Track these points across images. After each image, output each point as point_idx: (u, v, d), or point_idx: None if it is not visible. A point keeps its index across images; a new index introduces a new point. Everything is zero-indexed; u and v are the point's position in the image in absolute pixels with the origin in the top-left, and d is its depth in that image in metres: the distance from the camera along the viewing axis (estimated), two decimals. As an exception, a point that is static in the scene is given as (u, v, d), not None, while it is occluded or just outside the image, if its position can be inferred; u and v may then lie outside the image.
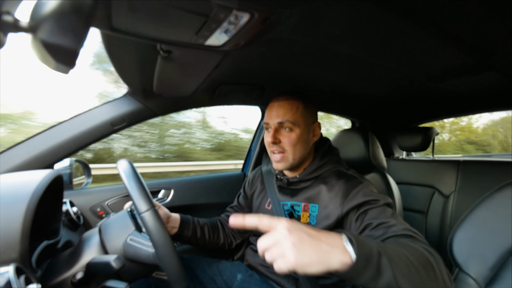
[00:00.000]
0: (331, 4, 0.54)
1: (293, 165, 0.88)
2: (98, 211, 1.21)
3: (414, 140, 1.84)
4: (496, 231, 0.61)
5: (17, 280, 0.47)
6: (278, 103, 0.87)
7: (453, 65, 0.86)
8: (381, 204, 0.76)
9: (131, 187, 0.61)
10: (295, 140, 0.85)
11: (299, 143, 0.86)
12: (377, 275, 0.48)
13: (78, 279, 0.65)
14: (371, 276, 0.48)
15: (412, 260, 0.53)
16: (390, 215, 0.72)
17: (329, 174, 0.88)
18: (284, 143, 0.86)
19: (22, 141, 1.01)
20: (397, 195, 1.05)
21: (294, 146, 0.85)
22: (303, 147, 0.87)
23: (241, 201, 1.13)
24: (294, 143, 0.85)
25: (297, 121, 0.85)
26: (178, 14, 0.48)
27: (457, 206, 1.54)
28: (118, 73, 0.92)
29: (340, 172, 0.88)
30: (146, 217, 0.59)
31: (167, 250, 0.60)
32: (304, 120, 0.86)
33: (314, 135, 0.91)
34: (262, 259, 0.93)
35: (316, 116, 0.94)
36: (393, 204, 0.79)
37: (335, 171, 0.89)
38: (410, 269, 0.51)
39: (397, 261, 0.51)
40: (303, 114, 0.86)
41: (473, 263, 0.62)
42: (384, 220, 0.71)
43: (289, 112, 0.85)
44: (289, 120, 0.84)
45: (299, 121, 0.85)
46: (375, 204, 0.76)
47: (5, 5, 0.29)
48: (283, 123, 0.85)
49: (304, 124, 0.87)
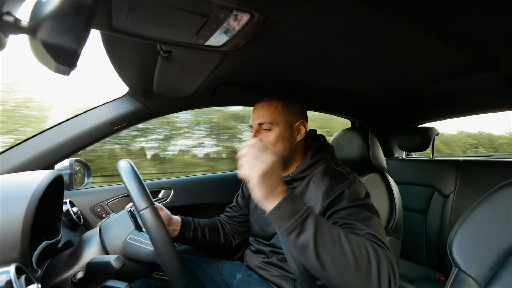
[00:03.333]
0: (331, 4, 0.54)
1: None
2: (98, 211, 1.21)
3: (414, 140, 1.84)
4: (496, 231, 0.61)
5: (17, 280, 0.47)
6: (259, 105, 0.90)
7: (453, 65, 0.86)
8: (356, 204, 0.75)
9: (130, 185, 0.61)
10: (275, 139, 0.87)
11: (279, 142, 0.87)
12: (299, 228, 0.58)
13: (78, 279, 0.65)
14: (292, 226, 0.58)
15: (343, 243, 0.59)
16: (362, 217, 0.71)
17: (320, 171, 0.88)
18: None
19: (22, 141, 1.01)
20: (397, 195, 1.06)
21: (274, 145, 0.87)
22: (284, 146, 0.88)
23: (239, 202, 1.13)
24: (273, 142, 0.87)
25: (275, 120, 0.87)
26: (178, 14, 0.48)
27: (456, 206, 1.54)
28: (118, 73, 0.93)
29: (328, 168, 0.88)
30: (144, 215, 0.59)
31: (166, 248, 0.60)
32: (283, 119, 0.88)
33: (298, 133, 0.91)
34: (260, 260, 0.94)
35: (302, 115, 0.93)
36: (373, 206, 0.77)
37: (324, 167, 0.89)
38: (335, 246, 0.58)
39: (325, 232, 0.59)
40: (282, 113, 0.88)
41: (473, 263, 0.62)
42: (351, 222, 0.70)
43: (267, 112, 0.87)
44: (267, 121, 0.87)
45: (278, 120, 0.87)
46: (351, 203, 0.75)
47: (6, 6, 0.29)
48: (262, 124, 0.88)
49: (284, 123, 0.88)
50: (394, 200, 1.01)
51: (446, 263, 1.55)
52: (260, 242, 0.98)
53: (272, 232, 0.93)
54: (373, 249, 0.61)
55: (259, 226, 0.99)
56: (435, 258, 1.61)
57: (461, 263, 0.63)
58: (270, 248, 0.93)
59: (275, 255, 0.92)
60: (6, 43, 0.30)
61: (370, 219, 0.71)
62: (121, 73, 0.93)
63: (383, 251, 0.62)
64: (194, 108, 1.35)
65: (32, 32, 0.31)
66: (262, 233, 0.98)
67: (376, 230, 0.69)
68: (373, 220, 0.72)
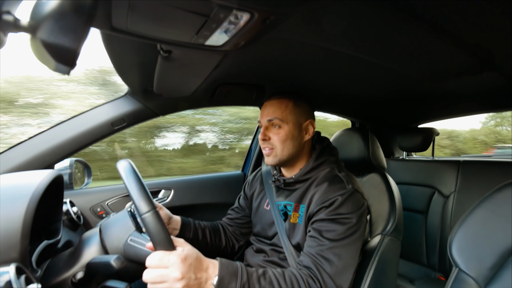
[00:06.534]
0: (331, 4, 0.54)
1: (281, 160, 0.90)
2: (98, 211, 1.21)
3: (414, 140, 1.84)
4: (496, 231, 0.61)
5: (17, 280, 0.47)
6: (269, 102, 0.91)
7: (453, 65, 0.86)
8: (339, 218, 0.76)
9: (131, 188, 0.61)
10: (284, 137, 0.87)
11: (287, 140, 0.88)
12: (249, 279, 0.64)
13: (78, 279, 0.65)
14: (244, 280, 0.64)
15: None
16: (336, 234, 0.75)
17: (322, 175, 0.89)
18: (274, 140, 0.88)
19: (22, 141, 1.01)
20: (397, 195, 1.05)
21: (282, 142, 0.88)
22: (292, 144, 0.89)
23: (241, 203, 1.13)
24: (282, 139, 0.87)
25: (285, 118, 0.88)
26: (178, 14, 0.48)
27: (457, 206, 1.54)
28: (118, 73, 0.93)
29: (331, 174, 0.88)
30: (147, 219, 0.59)
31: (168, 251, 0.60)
32: (293, 117, 0.89)
33: (306, 133, 0.92)
34: (261, 259, 0.94)
35: (310, 115, 0.94)
36: (359, 222, 0.78)
37: (327, 172, 0.89)
38: None
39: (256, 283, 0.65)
40: (292, 112, 0.89)
41: (473, 263, 0.62)
42: (323, 236, 0.75)
43: (277, 110, 0.88)
44: (278, 117, 0.87)
45: (288, 118, 0.88)
46: (335, 216, 0.77)
47: (5, 5, 0.29)
48: (272, 120, 0.88)
49: (293, 122, 0.89)
50: (394, 200, 1.01)
51: (446, 263, 1.55)
52: (261, 241, 0.98)
53: (273, 231, 0.94)
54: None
55: (261, 225, 0.99)
56: (435, 258, 1.61)
57: (461, 263, 0.63)
58: (271, 247, 0.93)
59: (276, 254, 0.92)
60: (6, 41, 0.30)
61: (346, 238, 0.75)
62: (121, 73, 0.93)
63: (317, 286, 0.69)
64: (194, 108, 1.35)
65: (32, 31, 0.31)
66: (264, 233, 0.98)
67: (337, 253, 0.73)
68: (344, 241, 0.74)
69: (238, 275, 0.64)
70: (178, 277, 0.56)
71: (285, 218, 0.92)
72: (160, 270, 0.57)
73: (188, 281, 0.57)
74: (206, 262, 0.64)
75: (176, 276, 0.56)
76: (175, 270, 0.56)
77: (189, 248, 0.62)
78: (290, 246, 0.87)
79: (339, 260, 0.72)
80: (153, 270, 0.57)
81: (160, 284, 0.57)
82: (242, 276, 0.64)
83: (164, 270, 0.57)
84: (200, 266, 0.61)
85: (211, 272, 0.62)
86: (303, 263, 0.75)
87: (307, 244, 0.78)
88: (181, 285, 0.57)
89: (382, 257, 0.88)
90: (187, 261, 0.58)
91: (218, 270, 0.63)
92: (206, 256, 0.66)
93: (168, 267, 0.57)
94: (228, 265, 0.65)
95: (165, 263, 0.57)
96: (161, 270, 0.57)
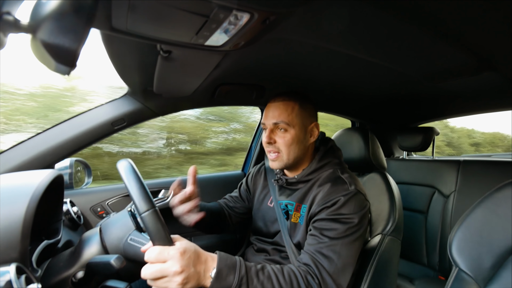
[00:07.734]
0: (331, 4, 0.54)
1: (287, 164, 0.89)
2: (98, 211, 1.21)
3: (415, 140, 1.84)
4: (496, 231, 0.61)
5: (17, 280, 0.47)
6: (274, 104, 0.88)
7: (453, 65, 0.86)
8: (340, 218, 0.76)
9: (131, 187, 0.61)
10: (290, 140, 0.86)
11: (293, 144, 0.86)
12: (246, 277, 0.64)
13: (79, 279, 0.65)
14: (240, 276, 0.63)
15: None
16: (336, 233, 0.75)
17: (325, 176, 0.88)
18: (279, 143, 0.87)
19: (22, 141, 1.01)
20: (397, 195, 1.05)
21: (288, 146, 0.86)
22: (298, 148, 0.87)
23: (243, 194, 1.12)
24: (288, 143, 0.86)
25: (292, 122, 0.86)
26: (178, 14, 0.48)
27: (457, 206, 1.54)
28: (118, 73, 0.93)
29: (333, 175, 0.87)
30: (146, 218, 0.59)
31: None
32: (299, 121, 0.87)
33: (311, 135, 0.91)
34: (262, 259, 0.94)
35: (314, 117, 0.93)
36: (360, 223, 0.78)
37: (330, 173, 0.88)
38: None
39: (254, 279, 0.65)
40: (298, 115, 0.87)
41: (473, 262, 0.62)
42: (323, 234, 0.76)
43: (284, 113, 0.86)
44: (284, 121, 0.85)
45: (294, 122, 0.86)
46: (336, 216, 0.77)
47: (5, 5, 0.29)
48: (278, 123, 0.86)
49: (299, 125, 0.87)
50: (394, 200, 1.01)
51: (446, 263, 1.55)
52: (262, 240, 0.98)
53: (276, 229, 0.94)
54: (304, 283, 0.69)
55: (263, 222, 0.99)
56: (435, 258, 1.61)
57: (461, 263, 0.63)
58: (272, 246, 0.93)
59: (278, 253, 0.92)
60: (6, 42, 0.30)
61: (343, 239, 0.75)
62: (121, 73, 0.93)
63: (316, 283, 0.69)
64: (194, 108, 1.35)
65: (32, 31, 0.31)
66: (265, 230, 0.97)
67: (336, 251, 0.73)
68: (344, 240, 0.75)
69: (237, 268, 0.64)
70: (178, 270, 0.56)
71: (286, 217, 0.92)
72: (159, 264, 0.57)
73: (187, 274, 0.57)
74: (204, 255, 0.64)
75: (176, 269, 0.56)
76: (175, 263, 0.56)
77: (187, 242, 0.62)
78: (292, 244, 0.87)
79: (338, 258, 0.72)
80: (152, 265, 0.57)
81: (160, 279, 0.57)
82: (241, 269, 0.64)
83: (163, 264, 0.57)
84: (198, 259, 0.61)
85: (209, 265, 0.62)
86: (302, 260, 0.75)
87: (307, 242, 0.79)
88: (181, 278, 0.56)
89: (382, 257, 0.88)
90: (186, 254, 0.58)
91: (217, 262, 0.63)
92: (207, 250, 0.67)
93: (167, 261, 0.57)
94: (227, 258, 0.65)
95: (165, 256, 0.57)
96: (160, 265, 0.57)
